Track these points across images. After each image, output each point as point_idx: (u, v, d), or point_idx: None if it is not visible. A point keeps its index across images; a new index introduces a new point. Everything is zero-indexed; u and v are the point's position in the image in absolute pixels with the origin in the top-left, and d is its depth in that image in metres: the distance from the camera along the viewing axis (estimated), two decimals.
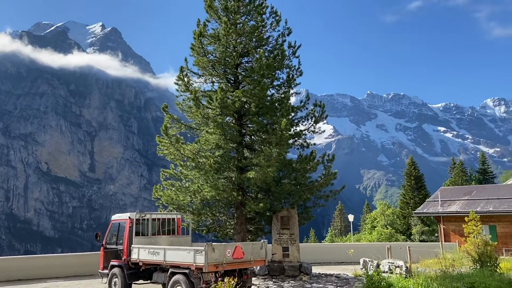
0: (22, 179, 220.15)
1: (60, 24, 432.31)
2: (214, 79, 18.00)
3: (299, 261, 16.68)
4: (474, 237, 15.59)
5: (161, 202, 16.90)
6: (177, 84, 17.03)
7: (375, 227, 53.76)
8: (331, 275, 16.80)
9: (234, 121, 17.36)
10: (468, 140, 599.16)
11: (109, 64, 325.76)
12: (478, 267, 14.05)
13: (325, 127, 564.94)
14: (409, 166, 59.61)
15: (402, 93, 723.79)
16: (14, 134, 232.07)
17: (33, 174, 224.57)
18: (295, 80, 18.56)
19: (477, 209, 29.29)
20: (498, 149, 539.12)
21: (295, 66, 18.54)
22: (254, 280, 15.53)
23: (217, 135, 15.65)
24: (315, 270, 18.07)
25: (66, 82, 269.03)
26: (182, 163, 16.33)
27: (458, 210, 31.74)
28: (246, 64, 17.81)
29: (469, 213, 16.59)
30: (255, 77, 15.77)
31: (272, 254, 16.88)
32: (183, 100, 17.38)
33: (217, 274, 11.15)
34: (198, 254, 10.96)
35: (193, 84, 17.73)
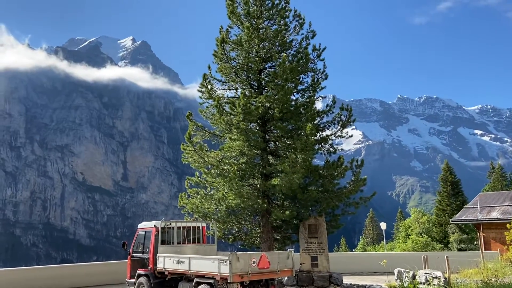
0: (59, 189, 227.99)
1: (93, 39, 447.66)
2: (237, 86, 17.80)
3: (328, 271, 16.05)
4: None
5: (186, 210, 16.75)
6: (200, 91, 16.94)
7: (410, 235, 51.87)
8: (363, 286, 16.08)
9: (258, 127, 17.04)
10: (507, 143, 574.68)
11: (140, 77, 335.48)
12: None
13: (354, 133, 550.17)
14: (444, 172, 57.34)
15: (435, 96, 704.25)
16: (50, 146, 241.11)
17: (69, 184, 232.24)
18: (320, 83, 18.07)
19: None
20: None
21: (320, 69, 18.06)
22: None
23: (240, 141, 15.38)
24: (346, 280, 17.35)
25: (99, 95, 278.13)
26: (206, 170, 16.13)
27: (499, 216, 30.03)
28: (269, 69, 17.50)
29: (510, 219, 15.55)
30: (279, 82, 15.45)
31: (300, 264, 16.34)
32: (207, 107, 17.26)
33: (243, 284, 10.80)
34: (222, 264, 10.64)
35: (216, 91, 17.60)
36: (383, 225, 35.43)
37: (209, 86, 16.67)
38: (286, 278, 15.54)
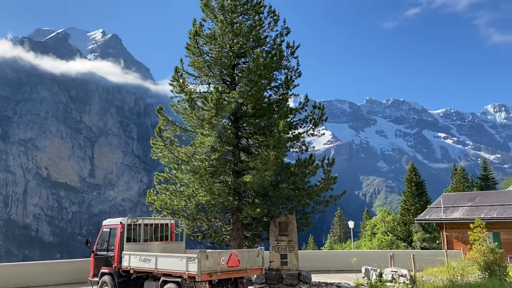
0: (22, 184, 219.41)
1: (61, 30, 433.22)
2: (210, 80, 17.49)
3: (298, 269, 16.01)
4: (479, 244, 14.96)
5: (155, 207, 16.30)
6: (172, 85, 16.50)
7: (375, 234, 52.96)
8: (331, 284, 16.14)
9: (230, 123, 16.80)
10: (469, 147, 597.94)
11: (110, 71, 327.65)
12: (487, 276, 13.41)
13: (324, 133, 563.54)
14: (409, 172, 58.92)
15: (401, 99, 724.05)
16: (13, 140, 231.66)
17: (33, 180, 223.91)
18: (293, 81, 18.01)
19: (481, 216, 28.59)
20: (499, 156, 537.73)
21: (293, 67, 18.00)
22: None
23: (212, 137, 15.09)
24: (315, 278, 17.39)
25: (66, 88, 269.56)
26: (176, 166, 15.73)
27: (461, 216, 31.08)
28: (243, 65, 17.29)
29: (472, 219, 16.00)
30: (252, 78, 15.24)
31: (270, 262, 16.22)
32: (178, 101, 16.85)
33: (211, 283, 10.55)
34: (190, 262, 10.34)
35: (188, 85, 17.22)
36: (351, 224, 35.94)
37: (181, 80, 16.26)
38: (255, 276, 15.37)
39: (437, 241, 44.04)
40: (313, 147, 19.23)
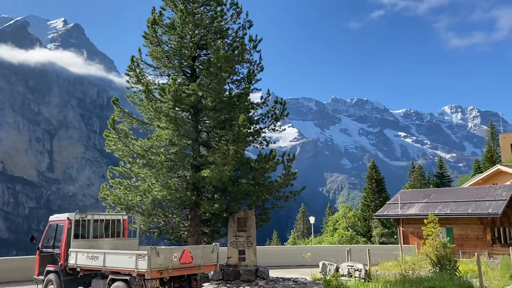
0: None
1: (20, 18, 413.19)
2: (170, 72, 16.97)
3: (255, 265, 15.87)
4: (432, 239, 15.33)
5: (108, 202, 15.64)
6: (128, 75, 15.85)
7: (337, 229, 53.93)
8: (288, 279, 16.09)
9: (190, 116, 16.38)
10: (427, 146, 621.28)
11: (72, 62, 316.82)
12: (438, 270, 13.75)
13: (290, 130, 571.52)
14: (370, 170, 60.45)
15: (365, 99, 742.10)
16: None
17: None
18: (255, 75, 17.78)
19: (435, 212, 29.53)
20: (454, 155, 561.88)
21: (256, 61, 17.78)
22: (207, 286, 14.58)
23: (170, 130, 14.62)
24: (273, 274, 17.32)
25: (24, 78, 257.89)
26: (131, 160, 15.14)
27: (417, 212, 31.97)
28: (204, 57, 16.87)
29: (427, 215, 16.37)
30: (213, 70, 14.87)
31: (228, 258, 15.99)
32: (135, 92, 16.23)
33: (162, 280, 10.16)
34: (140, 259, 9.91)
35: (147, 76, 16.64)
36: (311, 219, 36.34)
37: (137, 70, 15.64)
38: (212, 272, 15.08)
39: (395, 236, 45.37)
40: (280, 146, 19.21)
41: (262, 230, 19.21)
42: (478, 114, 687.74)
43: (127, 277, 10.16)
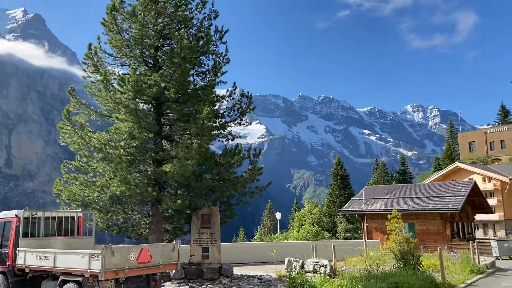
0: None
1: None
2: (131, 62, 16.14)
3: (219, 263, 15.42)
4: (396, 234, 15.42)
5: (62, 198, 14.71)
6: (84, 63, 14.95)
7: (303, 225, 54.30)
8: (253, 276, 15.74)
9: (152, 109, 15.67)
10: (390, 143, 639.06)
11: (32, 53, 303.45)
12: (401, 265, 13.79)
13: (258, 127, 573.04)
14: (336, 166, 61.30)
15: (331, 97, 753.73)
16: None
17: None
18: (221, 67, 17.25)
19: (398, 207, 30.07)
20: (416, 152, 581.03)
21: (222, 53, 17.25)
22: (169, 285, 14.01)
23: (129, 122, 13.92)
24: (238, 271, 16.93)
25: None
26: (87, 153, 14.30)
27: (380, 208, 32.52)
28: (168, 48, 16.18)
29: (390, 211, 16.47)
30: (176, 60, 14.24)
31: (190, 256, 15.45)
32: (92, 82, 15.33)
33: (119, 281, 9.53)
34: (93, 259, 9.24)
35: (106, 66, 15.78)
36: (278, 215, 36.24)
37: (95, 58, 14.76)
38: (173, 271, 14.51)
39: (359, 232, 46.12)
40: (247, 143, 18.76)
41: (228, 226, 18.77)
42: (438, 113, 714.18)
43: (80, 278, 9.47)
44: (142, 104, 15.70)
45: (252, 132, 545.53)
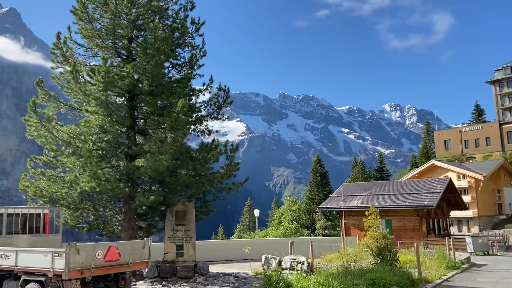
0: None
1: None
2: (103, 53, 15.50)
3: (194, 261, 15.00)
4: (373, 230, 15.33)
5: (29, 194, 14.01)
6: (53, 53, 14.25)
7: (282, 222, 54.27)
8: (229, 274, 15.40)
9: (125, 101, 15.09)
10: (368, 142, 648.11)
11: (7, 48, 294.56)
12: (379, 261, 13.69)
13: (238, 125, 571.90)
14: (315, 164, 61.56)
15: (311, 95, 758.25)
16: None
17: None
18: (198, 60, 16.79)
19: (376, 204, 30.24)
20: (393, 151, 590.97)
21: (198, 45, 16.78)
22: (141, 284, 13.50)
23: (100, 115, 13.31)
24: (213, 269, 16.55)
25: None
26: (55, 147, 13.64)
27: (358, 205, 32.65)
28: (142, 39, 15.61)
29: (368, 207, 16.39)
30: (150, 51, 13.72)
31: (164, 254, 14.98)
32: (61, 73, 14.64)
33: (85, 281, 9.02)
34: (57, 258, 8.71)
35: (77, 57, 15.12)
36: (256, 212, 36.01)
37: (64, 48, 14.11)
38: (146, 270, 14.01)
39: (337, 229, 46.34)
40: (228, 140, 18.21)
41: (207, 224, 18.33)
42: (415, 112, 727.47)
43: (42, 278, 8.93)
44: (115, 97, 15.12)
45: (232, 130, 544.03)
